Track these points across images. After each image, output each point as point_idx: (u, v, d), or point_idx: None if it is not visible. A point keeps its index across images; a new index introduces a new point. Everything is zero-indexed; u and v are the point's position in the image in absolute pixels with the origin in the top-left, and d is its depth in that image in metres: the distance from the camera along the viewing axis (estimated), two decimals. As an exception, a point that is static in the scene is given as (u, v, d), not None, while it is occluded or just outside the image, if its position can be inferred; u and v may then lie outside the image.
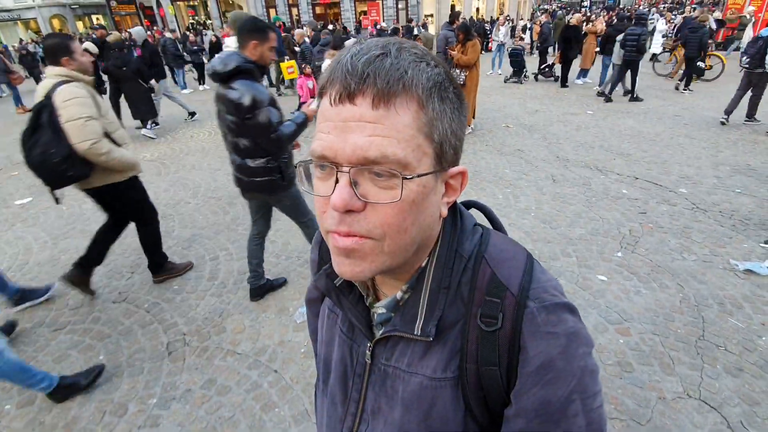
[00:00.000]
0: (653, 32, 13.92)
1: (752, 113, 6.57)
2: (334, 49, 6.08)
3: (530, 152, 5.79)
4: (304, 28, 13.54)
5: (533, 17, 17.36)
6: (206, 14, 29.36)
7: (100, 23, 31.98)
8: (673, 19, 14.83)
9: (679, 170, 4.93)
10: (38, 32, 29.21)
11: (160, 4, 28.84)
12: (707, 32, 8.46)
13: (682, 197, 4.26)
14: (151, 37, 15.40)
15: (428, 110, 0.46)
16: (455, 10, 9.39)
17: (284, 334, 2.68)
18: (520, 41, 11.85)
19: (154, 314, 2.90)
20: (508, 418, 0.51)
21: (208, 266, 3.44)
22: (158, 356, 2.54)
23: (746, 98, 6.54)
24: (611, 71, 9.17)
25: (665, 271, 3.11)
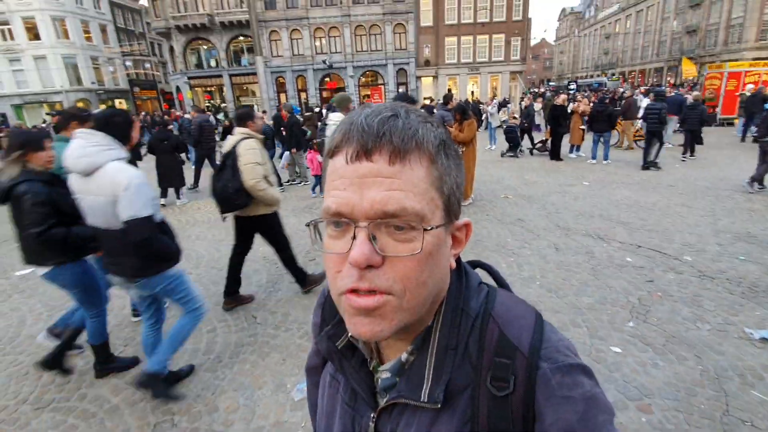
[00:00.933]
0: (638, 110, 14.86)
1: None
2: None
3: (531, 221, 5.86)
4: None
5: (523, 100, 18.97)
6: (221, 98, 31.75)
7: (123, 107, 34.51)
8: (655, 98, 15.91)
9: (681, 238, 4.95)
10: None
11: (179, 89, 31.37)
12: (705, 109, 9.27)
13: (687, 265, 4.22)
14: (175, 116, 16.65)
15: (438, 165, 0.48)
16: (450, 92, 10.20)
17: (281, 413, 2.50)
18: (514, 120, 12.66)
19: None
20: None
21: (204, 338, 3.32)
22: (143, 439, 2.34)
23: (750, 164, 6.82)
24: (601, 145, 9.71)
25: (681, 341, 2.97)
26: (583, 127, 10.69)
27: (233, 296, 3.83)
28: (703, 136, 10.00)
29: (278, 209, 3.71)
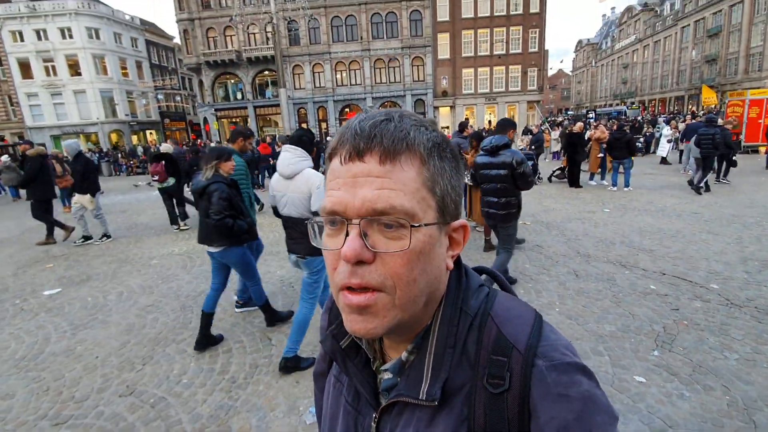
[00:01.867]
0: (660, 138, 14.71)
1: None
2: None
3: (549, 248, 5.77)
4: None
5: (541, 128, 19.09)
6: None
7: (153, 138, 36.24)
8: (677, 126, 15.75)
9: (706, 266, 4.77)
10: (97, 143, 33.13)
11: (206, 120, 32.82)
12: (730, 134, 9.55)
13: (714, 293, 4.06)
14: (200, 144, 17.47)
15: (430, 166, 0.50)
16: (466, 120, 10.41)
17: (292, 435, 2.47)
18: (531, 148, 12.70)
19: (159, 410, 2.76)
20: None
21: (220, 359, 3.35)
22: (156, 458, 2.35)
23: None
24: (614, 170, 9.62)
25: (708, 371, 2.83)
26: (600, 154, 10.61)
27: None
28: (735, 159, 10.17)
29: None
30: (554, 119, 34.73)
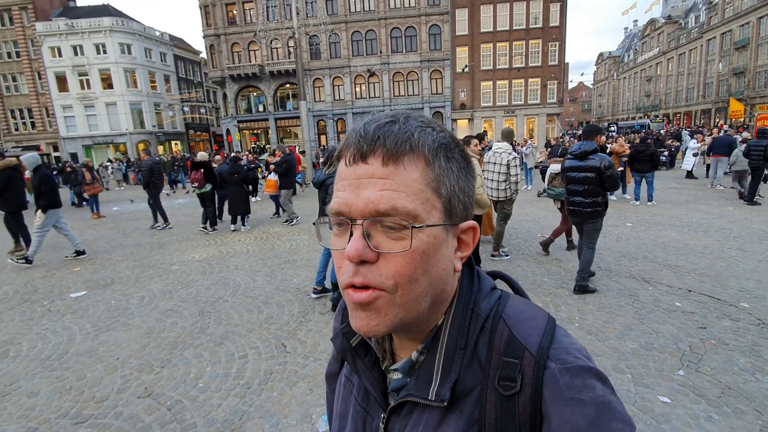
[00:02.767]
0: (686, 151, 14.33)
1: None
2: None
3: (569, 261, 5.65)
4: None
5: (561, 140, 18.88)
6: (266, 140, 33.72)
7: (177, 148, 37.41)
8: (704, 139, 15.31)
9: (736, 283, 4.58)
10: (125, 153, 34.38)
11: (229, 132, 33.70)
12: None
13: (744, 312, 3.88)
14: (223, 155, 18.06)
15: (435, 167, 0.50)
16: (485, 132, 10.44)
17: (305, 443, 2.46)
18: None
19: (175, 413, 2.79)
20: None
21: (236, 364, 3.38)
22: (171, 460, 2.37)
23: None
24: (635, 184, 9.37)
25: (738, 393, 2.69)
26: (620, 168, 10.38)
27: None
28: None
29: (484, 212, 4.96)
30: (574, 132, 34.27)
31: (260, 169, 14.13)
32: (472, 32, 30.56)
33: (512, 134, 6.42)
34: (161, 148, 37.35)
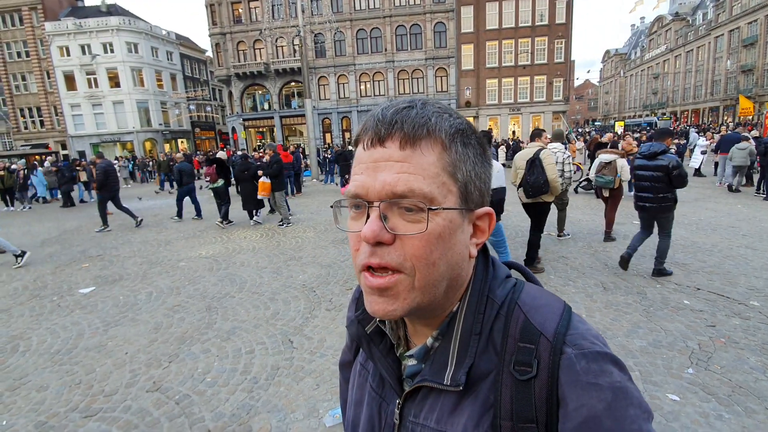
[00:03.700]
0: (694, 148, 14.19)
1: None
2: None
3: (575, 259, 5.62)
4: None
5: (568, 139, 18.77)
6: (272, 138, 33.81)
7: (183, 146, 37.60)
8: (713, 137, 15.16)
9: (746, 282, 4.53)
10: (132, 151, 34.66)
11: (235, 130, 33.84)
12: None
13: (755, 311, 3.84)
14: (228, 153, 18.34)
15: (451, 152, 0.50)
16: (489, 129, 10.52)
17: (312, 438, 2.47)
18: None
19: (183, 407, 2.82)
20: None
21: (243, 360, 3.40)
22: (179, 453, 2.39)
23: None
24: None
25: (749, 392, 2.66)
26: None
27: (531, 263, 5.23)
28: None
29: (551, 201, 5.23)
30: (579, 130, 34.03)
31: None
32: (477, 30, 30.42)
33: (563, 135, 6.81)
34: (167, 146, 37.57)
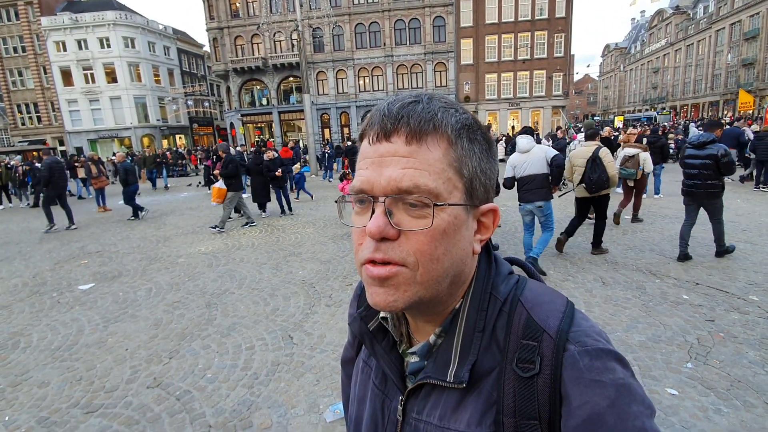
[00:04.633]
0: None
1: None
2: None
3: (574, 254, 5.63)
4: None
5: (567, 133, 18.76)
6: (270, 134, 33.71)
7: (182, 142, 37.48)
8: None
9: (745, 276, 4.54)
10: (129, 147, 34.49)
11: (233, 125, 33.70)
12: None
13: (754, 305, 3.85)
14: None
15: (457, 148, 0.50)
16: (488, 125, 10.57)
17: (312, 433, 2.48)
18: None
19: (183, 402, 2.83)
20: None
21: (243, 355, 3.40)
22: (181, 449, 2.40)
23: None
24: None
25: (747, 386, 2.68)
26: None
27: (599, 246, 5.64)
28: None
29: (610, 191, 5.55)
30: (578, 125, 33.99)
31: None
32: (476, 24, 30.24)
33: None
34: (165, 142, 37.43)
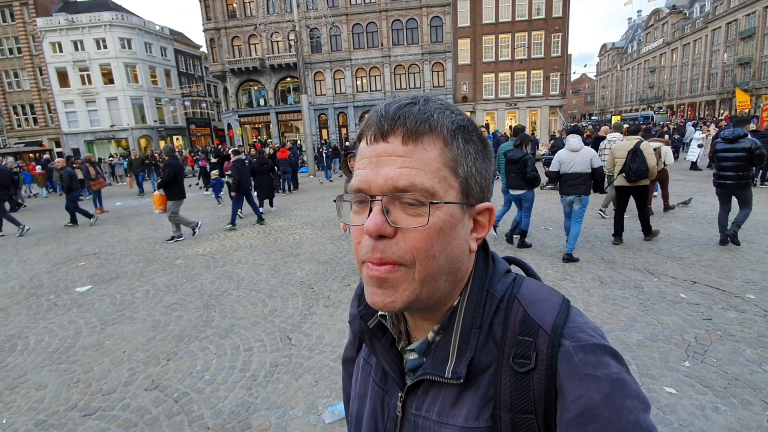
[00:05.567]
0: (690, 142, 14.22)
1: None
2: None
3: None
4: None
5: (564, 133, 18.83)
6: (267, 134, 33.65)
7: (179, 143, 37.39)
8: (709, 130, 15.17)
9: (742, 275, 4.56)
10: (126, 148, 34.40)
11: (230, 126, 33.61)
12: None
13: (750, 303, 3.87)
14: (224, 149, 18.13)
15: (453, 148, 0.51)
16: (486, 125, 10.70)
17: (311, 434, 2.48)
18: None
19: (182, 405, 2.82)
20: None
21: (241, 357, 3.40)
22: (179, 451, 2.39)
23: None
24: None
25: (745, 384, 2.69)
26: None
27: (649, 232, 6.02)
28: None
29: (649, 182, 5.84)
30: (576, 124, 34.07)
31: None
32: (474, 24, 30.24)
33: (621, 126, 7.88)
34: (162, 143, 37.32)
